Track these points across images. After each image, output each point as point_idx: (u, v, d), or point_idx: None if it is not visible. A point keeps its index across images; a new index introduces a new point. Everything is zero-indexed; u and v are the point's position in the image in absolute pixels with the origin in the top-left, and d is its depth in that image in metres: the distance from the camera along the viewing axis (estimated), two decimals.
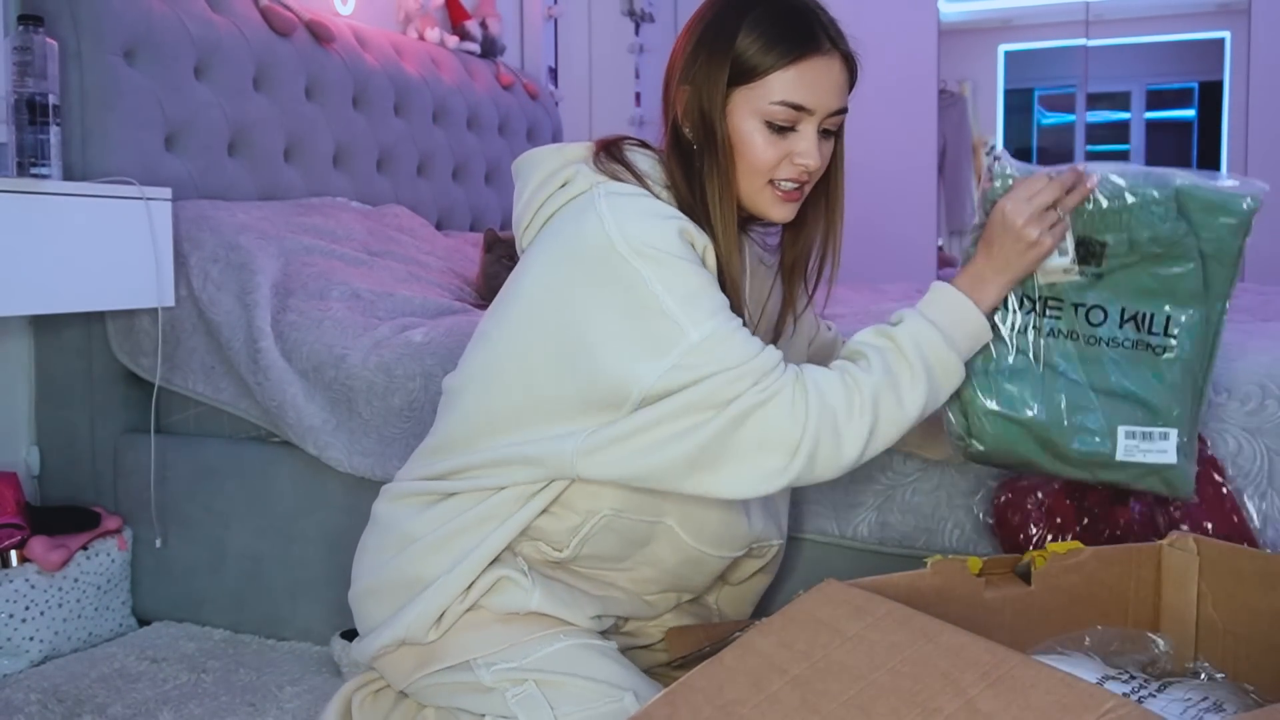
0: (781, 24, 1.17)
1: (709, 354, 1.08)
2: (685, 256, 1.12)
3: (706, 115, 1.18)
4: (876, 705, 0.81)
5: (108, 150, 2.10)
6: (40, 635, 1.90)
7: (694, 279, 1.11)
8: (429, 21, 3.29)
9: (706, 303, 1.11)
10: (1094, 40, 5.00)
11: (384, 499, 1.34)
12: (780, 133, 1.18)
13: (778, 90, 1.16)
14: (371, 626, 1.31)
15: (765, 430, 1.08)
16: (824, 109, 1.18)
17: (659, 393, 1.09)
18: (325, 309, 1.97)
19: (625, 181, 1.19)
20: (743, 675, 0.89)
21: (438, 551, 1.24)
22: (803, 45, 1.16)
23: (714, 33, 1.18)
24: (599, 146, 1.24)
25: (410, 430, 1.83)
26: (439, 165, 3.17)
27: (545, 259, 1.18)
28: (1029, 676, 0.79)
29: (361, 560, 1.34)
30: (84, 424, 2.14)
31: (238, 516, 2.03)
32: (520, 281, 1.21)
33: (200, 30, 2.34)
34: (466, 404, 1.25)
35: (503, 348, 1.20)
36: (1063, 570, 1.15)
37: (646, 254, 1.10)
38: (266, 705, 1.71)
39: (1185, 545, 1.18)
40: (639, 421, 1.10)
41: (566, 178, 1.22)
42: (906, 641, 0.87)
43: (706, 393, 1.08)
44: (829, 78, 1.18)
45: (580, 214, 1.15)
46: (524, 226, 1.27)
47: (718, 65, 1.17)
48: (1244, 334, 1.57)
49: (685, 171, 1.21)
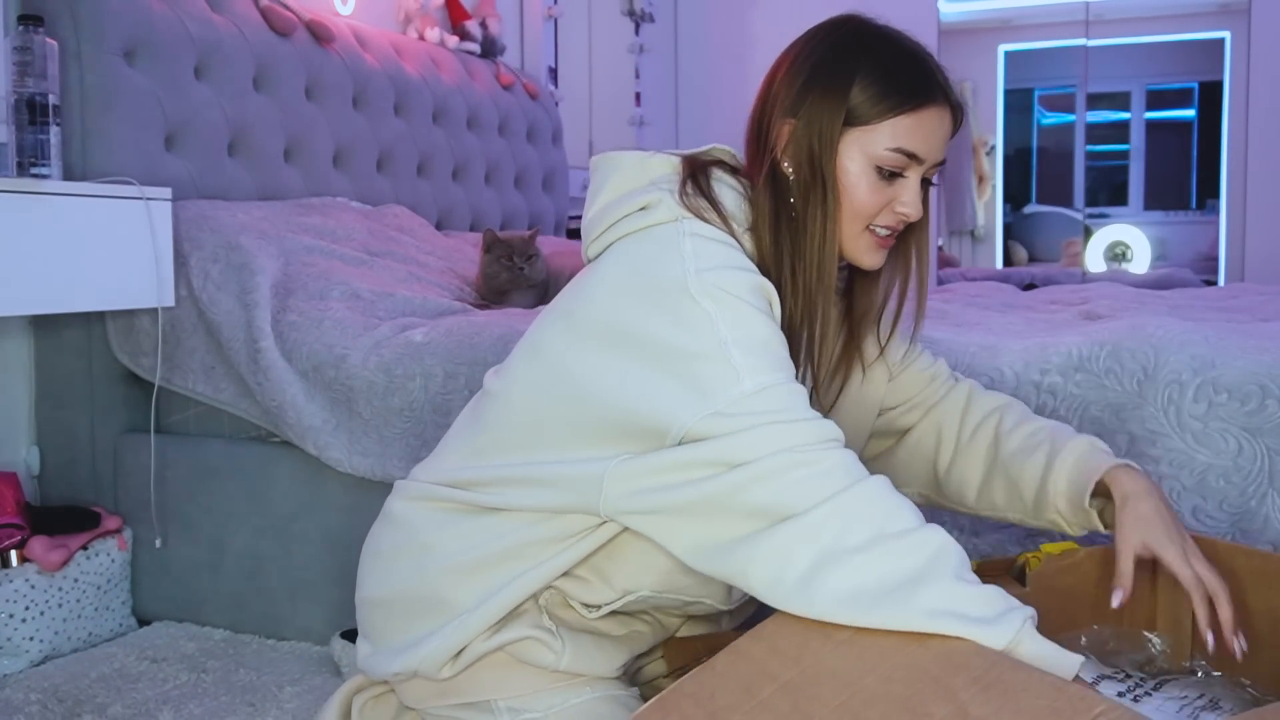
0: (901, 71, 1.15)
1: (758, 408, 1.02)
2: (759, 308, 1.08)
3: (815, 155, 1.15)
4: (868, 711, 0.81)
5: (108, 150, 2.10)
6: (40, 635, 1.90)
7: (763, 330, 1.07)
8: (429, 21, 3.29)
9: (770, 358, 1.05)
10: (1094, 40, 5.00)
11: (401, 497, 1.28)
12: (888, 179, 1.16)
13: (892, 137, 1.14)
14: (384, 642, 1.25)
15: (779, 494, 0.99)
16: (932, 159, 1.17)
17: (699, 435, 1.03)
18: (325, 309, 1.97)
19: (710, 220, 1.14)
20: (734, 681, 0.90)
21: (463, 578, 1.18)
22: (921, 94, 1.14)
23: (828, 71, 1.15)
24: (686, 170, 1.19)
25: (410, 430, 1.83)
26: (439, 165, 3.17)
27: (614, 283, 1.13)
28: (1020, 680, 0.79)
29: (373, 563, 1.29)
30: (84, 424, 2.15)
31: (238, 516, 2.04)
32: (582, 298, 1.16)
33: (200, 30, 2.34)
34: (506, 410, 1.19)
35: (553, 361, 1.15)
36: (1057, 571, 1.15)
37: (718, 297, 1.06)
38: (266, 705, 1.71)
39: None
40: (669, 459, 1.04)
41: (647, 203, 1.17)
42: (897, 646, 0.87)
43: (746, 443, 1.01)
44: (941, 129, 1.16)
45: (662, 248, 1.11)
46: (594, 236, 1.22)
47: (833, 105, 1.14)
48: (1244, 334, 1.57)
49: (775, 209, 1.17)
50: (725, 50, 5.12)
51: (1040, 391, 1.55)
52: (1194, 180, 5.88)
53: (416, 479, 1.28)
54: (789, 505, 0.98)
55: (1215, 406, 1.45)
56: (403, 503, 1.27)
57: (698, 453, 1.03)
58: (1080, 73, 5.11)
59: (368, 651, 1.27)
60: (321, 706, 1.37)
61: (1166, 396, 1.47)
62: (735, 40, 5.12)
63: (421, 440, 1.82)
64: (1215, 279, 5.03)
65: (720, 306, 1.05)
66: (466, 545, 1.18)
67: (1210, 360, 1.48)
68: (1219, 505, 1.43)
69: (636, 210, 1.17)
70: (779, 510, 0.98)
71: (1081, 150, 5.38)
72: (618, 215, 1.19)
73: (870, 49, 1.16)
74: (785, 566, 0.96)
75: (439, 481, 1.24)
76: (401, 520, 1.25)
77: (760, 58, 4.96)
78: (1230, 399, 1.44)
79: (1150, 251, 5.50)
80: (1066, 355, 1.56)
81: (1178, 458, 1.46)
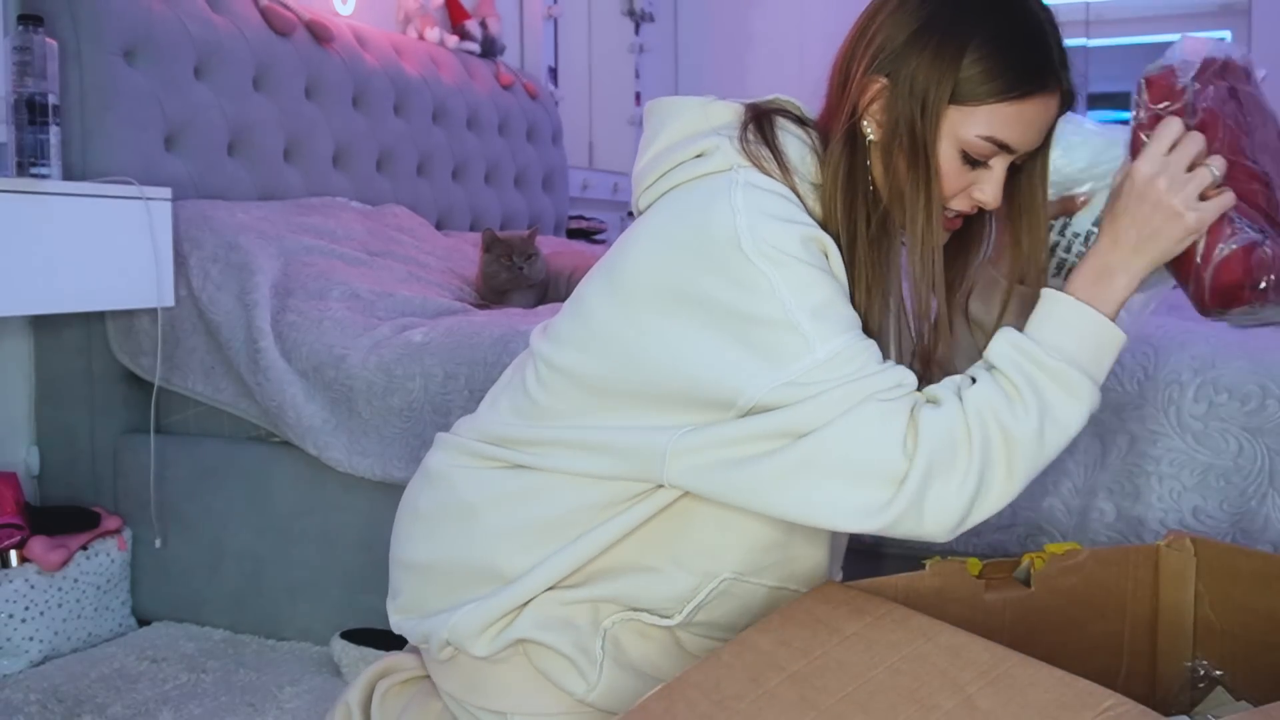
0: (1019, 49, 1.02)
1: (834, 372, 0.97)
2: (816, 264, 1.00)
3: (916, 128, 1.03)
4: (875, 702, 0.81)
5: (108, 150, 2.10)
6: (40, 635, 1.90)
7: (825, 289, 0.99)
8: (429, 21, 3.29)
9: (836, 318, 0.99)
10: (1094, 40, 5.00)
11: (442, 449, 1.21)
12: (971, 164, 1.05)
13: (989, 124, 1.03)
14: (422, 607, 1.18)
15: (868, 452, 0.95)
16: (1026, 148, 1.06)
17: (769, 405, 0.98)
18: (325, 309, 1.97)
19: (770, 172, 1.05)
20: (741, 671, 0.89)
21: (513, 545, 1.11)
22: (1032, 82, 1.02)
23: (942, 32, 1.02)
24: (749, 115, 1.10)
25: (410, 430, 1.83)
26: (439, 165, 3.17)
27: (663, 237, 1.05)
28: (1027, 675, 0.79)
29: (412, 524, 1.20)
30: (84, 424, 2.15)
31: (237, 516, 2.03)
32: (631, 254, 1.07)
33: (200, 30, 2.34)
34: (555, 375, 1.12)
35: (602, 326, 1.07)
36: (1061, 572, 1.15)
37: (774, 257, 0.98)
38: (266, 705, 1.71)
39: (1182, 546, 1.18)
40: (739, 431, 0.99)
41: (705, 149, 1.08)
42: (905, 640, 0.87)
43: (816, 409, 0.96)
44: (1044, 117, 1.05)
45: (711, 198, 1.03)
46: (645, 186, 1.14)
47: (941, 74, 1.02)
48: (1244, 334, 1.57)
49: (851, 170, 1.07)
50: (725, 50, 5.12)
51: None
52: None
53: (458, 434, 1.21)
54: (865, 453, 0.96)
55: (1215, 407, 1.45)
56: (443, 455, 1.20)
57: (769, 423, 0.98)
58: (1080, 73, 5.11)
59: (402, 616, 1.20)
60: (344, 689, 1.32)
61: (1166, 396, 1.47)
62: (735, 40, 5.11)
63: (421, 440, 1.82)
64: None
65: (778, 268, 0.98)
66: (513, 510, 1.12)
67: (1210, 360, 1.47)
68: (1219, 505, 1.43)
69: (692, 157, 1.09)
70: (859, 461, 0.96)
71: None
72: (672, 163, 1.11)
73: (991, 14, 1.03)
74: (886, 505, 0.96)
75: (482, 438, 1.17)
76: (440, 477, 1.19)
77: (760, 58, 4.96)
78: (1230, 399, 1.44)
79: None
80: None
81: (1178, 458, 1.46)
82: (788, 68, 4.52)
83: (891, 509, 0.95)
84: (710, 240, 1.00)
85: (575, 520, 1.10)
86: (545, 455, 1.11)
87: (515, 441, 1.14)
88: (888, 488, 0.95)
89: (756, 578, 1.12)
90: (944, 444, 0.96)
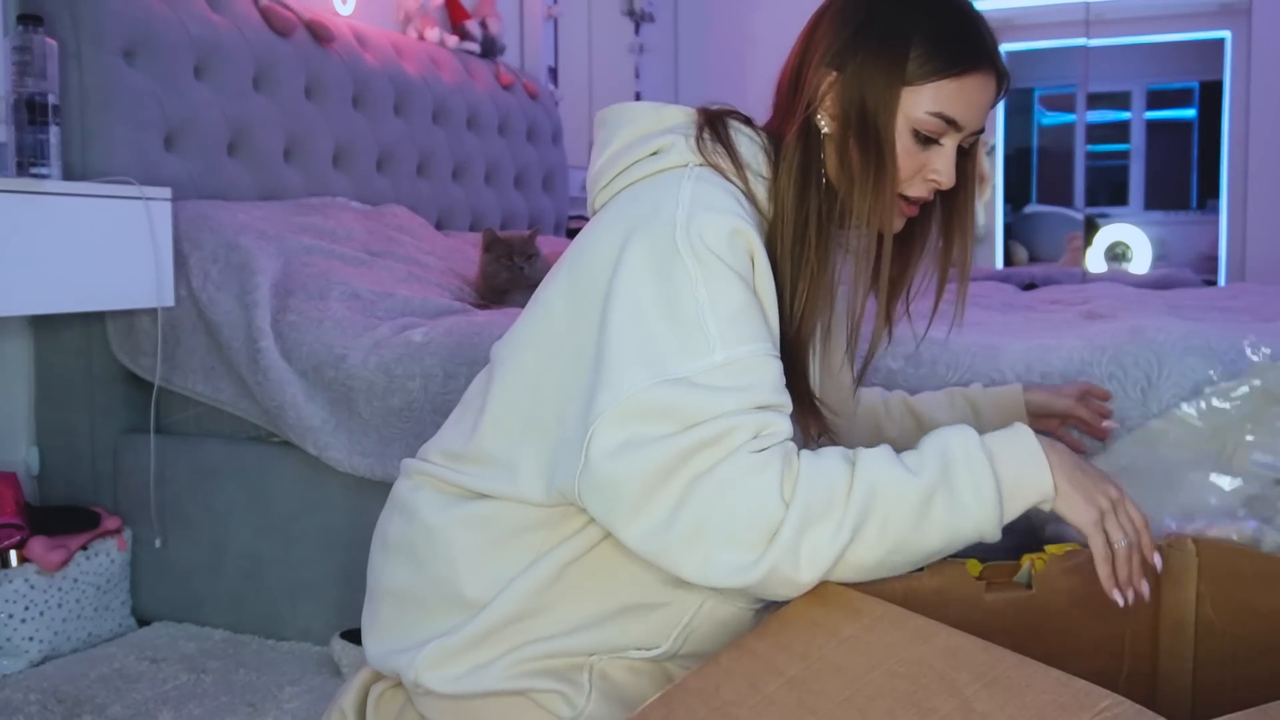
0: (955, 31, 1.10)
1: (729, 380, 0.98)
2: (739, 271, 1.03)
3: (870, 114, 1.09)
4: (873, 706, 0.81)
5: (108, 150, 2.10)
6: (40, 635, 1.90)
7: (741, 297, 1.02)
8: (429, 21, 3.29)
9: (744, 328, 1.01)
10: (1094, 40, 5.00)
11: (405, 476, 1.22)
12: (923, 144, 1.11)
13: (935, 100, 1.09)
14: (391, 640, 1.17)
15: (744, 506, 0.95)
16: (971, 127, 1.12)
17: (650, 402, 0.98)
18: (325, 309, 1.97)
19: (723, 169, 1.10)
20: (739, 676, 0.89)
21: (472, 568, 1.11)
22: (971, 59, 1.09)
23: (885, 25, 1.10)
24: (703, 119, 1.14)
25: (410, 430, 1.83)
26: (439, 165, 3.17)
27: (613, 229, 1.07)
28: (1025, 676, 0.79)
29: (381, 554, 1.21)
30: (84, 424, 2.15)
31: (238, 516, 2.03)
32: (584, 250, 1.10)
33: (200, 30, 2.34)
34: (507, 379, 1.13)
35: (561, 318, 1.09)
36: (1061, 573, 1.15)
37: (702, 256, 1.01)
38: (266, 705, 1.71)
39: (1184, 546, 1.18)
40: (636, 405, 0.98)
41: (660, 146, 1.12)
42: (902, 642, 0.87)
43: (704, 403, 0.97)
44: (984, 95, 1.12)
45: (663, 192, 1.07)
46: (600, 186, 1.17)
47: (890, 62, 1.09)
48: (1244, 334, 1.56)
49: (805, 164, 1.12)
50: (725, 50, 5.12)
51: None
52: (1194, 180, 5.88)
53: (422, 458, 1.22)
54: (755, 523, 0.95)
55: None
56: (406, 482, 1.21)
57: (659, 400, 0.98)
58: (1080, 73, 5.11)
59: (376, 650, 1.19)
60: (337, 692, 1.30)
61: (1170, 404, 1.47)
62: (735, 40, 5.11)
63: (421, 440, 1.81)
64: (1215, 279, 5.03)
65: (702, 267, 1.01)
66: (469, 533, 1.12)
67: (1212, 370, 1.47)
68: None
69: (647, 155, 1.13)
70: (748, 528, 0.95)
71: (1082, 150, 5.38)
72: (628, 161, 1.14)
73: (930, 5, 1.11)
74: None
75: (442, 459, 1.18)
76: (405, 504, 1.20)
77: (760, 58, 4.96)
78: None
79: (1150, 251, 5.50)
80: (1067, 359, 1.55)
81: None
82: None
83: (756, 569, 0.95)
84: (651, 231, 1.03)
85: (527, 543, 1.10)
86: (488, 477, 1.12)
87: (464, 461, 1.15)
88: (762, 541, 0.95)
89: (738, 598, 1.11)
90: (822, 489, 0.96)
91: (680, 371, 0.98)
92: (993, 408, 1.42)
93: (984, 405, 1.42)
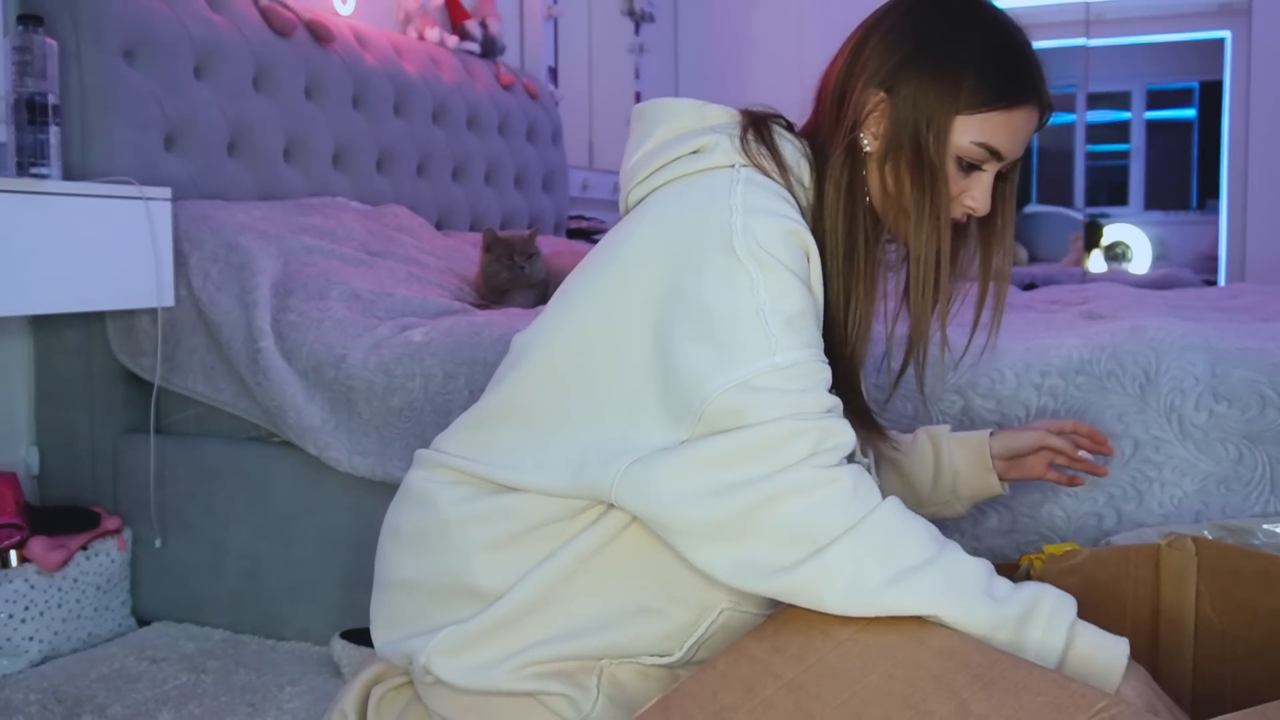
0: (1008, 63, 1.10)
1: (788, 382, 0.98)
2: (797, 272, 1.03)
3: (922, 140, 1.09)
4: (870, 709, 0.81)
5: (108, 150, 2.10)
6: (40, 635, 1.90)
7: (801, 301, 1.02)
8: (429, 21, 3.29)
9: (804, 333, 1.01)
10: (1094, 40, 5.00)
11: (419, 466, 1.21)
12: (965, 170, 1.12)
13: (982, 131, 1.10)
14: (401, 628, 1.16)
15: (807, 517, 0.95)
16: (1012, 156, 1.13)
17: (721, 410, 0.98)
18: (325, 309, 1.97)
19: (769, 171, 1.09)
20: (736, 680, 0.89)
21: (487, 560, 1.10)
22: (1022, 92, 1.10)
23: (940, 51, 1.10)
24: (746, 120, 1.14)
25: (410, 430, 1.83)
26: (439, 165, 3.17)
27: (658, 230, 1.07)
28: (1021, 678, 0.79)
29: (393, 544, 1.19)
30: (84, 424, 2.15)
31: (238, 516, 2.03)
32: (623, 247, 1.08)
33: (200, 30, 2.34)
34: (530, 373, 1.12)
35: (594, 316, 1.08)
36: (1060, 573, 1.15)
37: (762, 259, 1.01)
38: (266, 705, 1.71)
39: (1183, 545, 1.18)
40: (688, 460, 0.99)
41: (702, 145, 1.11)
42: (898, 644, 0.87)
43: (760, 438, 0.97)
44: (1029, 127, 1.12)
45: (712, 195, 1.05)
46: (636, 181, 1.15)
47: (946, 89, 1.09)
48: (1244, 334, 1.57)
49: (851, 182, 1.12)
50: (725, 50, 5.12)
51: (1041, 394, 1.55)
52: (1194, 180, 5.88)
53: (436, 449, 1.21)
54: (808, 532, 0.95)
55: (1216, 415, 1.45)
56: (422, 473, 1.20)
57: (717, 451, 0.98)
58: (1080, 73, 5.11)
59: (384, 639, 1.18)
60: (338, 693, 1.30)
61: (1169, 404, 1.47)
62: (735, 40, 5.11)
63: (421, 440, 1.82)
64: (1215, 279, 5.03)
65: (763, 270, 1.00)
66: (486, 524, 1.12)
67: (1211, 368, 1.47)
68: (1220, 512, 1.43)
69: (689, 153, 1.12)
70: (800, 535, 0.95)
71: (1082, 150, 5.38)
72: (667, 158, 1.13)
73: (985, 34, 1.10)
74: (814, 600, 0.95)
75: (458, 451, 1.17)
76: (420, 494, 1.18)
77: (760, 58, 4.96)
78: (1231, 407, 1.44)
79: (1150, 251, 5.50)
80: (1067, 358, 1.56)
81: (1180, 465, 1.46)
82: (788, 68, 4.52)
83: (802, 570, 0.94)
84: (703, 237, 1.03)
85: (544, 535, 1.09)
86: (509, 467, 1.11)
87: (483, 451, 1.14)
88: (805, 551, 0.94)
89: (754, 607, 1.11)
90: (899, 536, 0.95)
91: (741, 375, 0.98)
92: (955, 445, 1.37)
93: (943, 442, 1.37)
